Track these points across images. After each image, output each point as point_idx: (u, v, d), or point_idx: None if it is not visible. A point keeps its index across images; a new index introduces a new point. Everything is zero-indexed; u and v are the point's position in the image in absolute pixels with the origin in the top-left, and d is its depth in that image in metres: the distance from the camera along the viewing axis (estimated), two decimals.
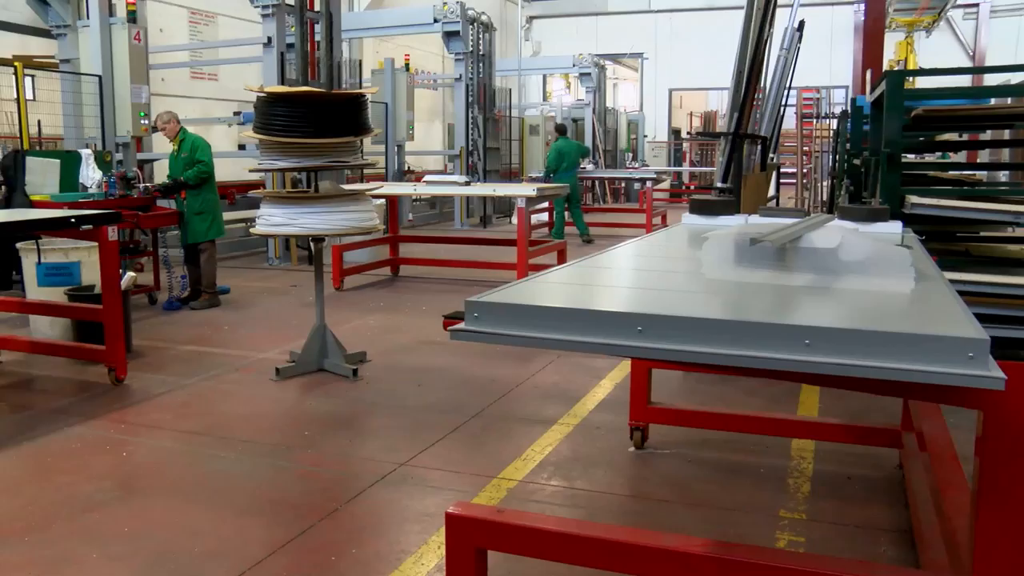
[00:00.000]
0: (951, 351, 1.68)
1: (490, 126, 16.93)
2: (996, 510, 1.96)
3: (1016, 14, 24.35)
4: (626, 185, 24.14)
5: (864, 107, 8.38)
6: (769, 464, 4.21)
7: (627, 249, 3.20)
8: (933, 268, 2.75)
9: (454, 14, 15.41)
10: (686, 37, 26.03)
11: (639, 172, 18.25)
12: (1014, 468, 1.94)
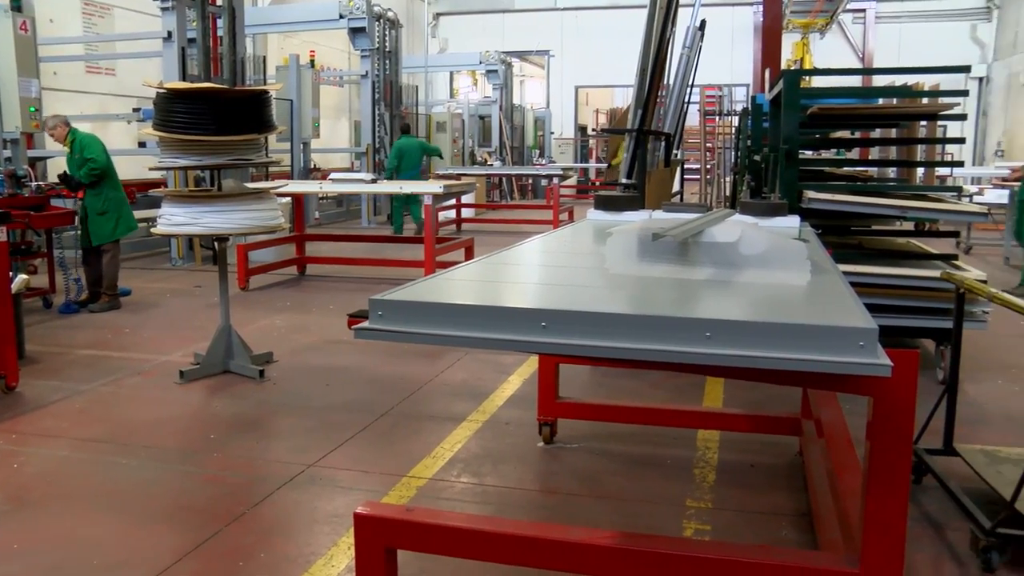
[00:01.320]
0: (843, 341, 1.74)
1: (397, 123, 16.82)
2: (883, 490, 2.04)
3: (898, 20, 25.50)
4: (533, 182, 24.26)
5: (763, 105, 8.61)
6: (676, 455, 4.29)
7: (532, 245, 3.23)
8: (828, 261, 2.85)
9: (360, 10, 15.23)
10: (592, 35, 26.30)
11: (546, 169, 18.38)
12: (899, 450, 2.02)
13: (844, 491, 2.77)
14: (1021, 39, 23.25)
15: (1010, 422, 4.76)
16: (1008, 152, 22.57)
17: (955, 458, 3.89)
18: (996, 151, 23.26)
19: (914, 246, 6.57)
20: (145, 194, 10.64)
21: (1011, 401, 5.16)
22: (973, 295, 3.73)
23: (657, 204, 4.16)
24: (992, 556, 3.14)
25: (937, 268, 5.30)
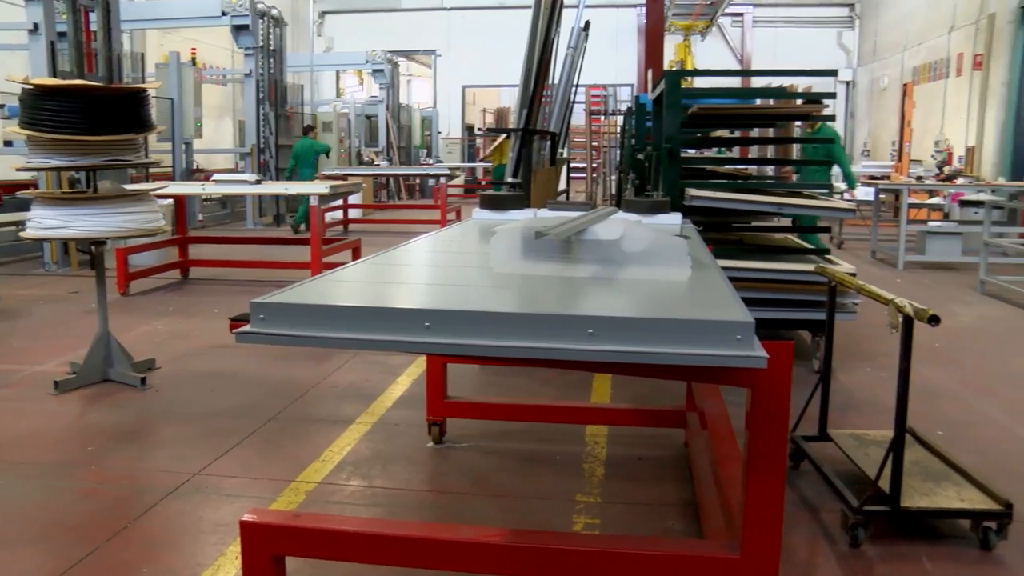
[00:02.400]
0: (720, 334, 1.79)
1: (282, 123, 16.50)
2: (761, 477, 2.11)
3: (773, 25, 26.49)
4: (421, 182, 24.17)
5: (647, 104, 8.80)
6: (565, 451, 4.35)
7: (418, 245, 3.22)
8: (708, 257, 2.93)
9: (243, 7, 14.88)
10: (479, 35, 26.38)
11: (433, 168, 18.34)
12: (776, 438, 2.10)
13: (726, 480, 2.86)
14: (880, 47, 24.48)
15: (877, 407, 4.99)
16: (873, 152, 23.70)
17: (829, 443, 4.07)
18: (863, 151, 24.39)
19: (791, 242, 6.82)
20: (12, 196, 10.15)
21: (879, 387, 5.41)
22: (844, 287, 3.90)
23: (543, 203, 4.21)
24: (859, 532, 3.30)
25: (812, 263, 5.51)
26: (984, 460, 4.21)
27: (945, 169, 14.01)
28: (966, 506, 3.35)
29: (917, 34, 21.27)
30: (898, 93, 20.71)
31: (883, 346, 6.26)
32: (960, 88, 18.29)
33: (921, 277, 10.36)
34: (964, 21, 18.42)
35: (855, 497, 3.38)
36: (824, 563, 3.23)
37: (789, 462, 4.10)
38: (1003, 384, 5.70)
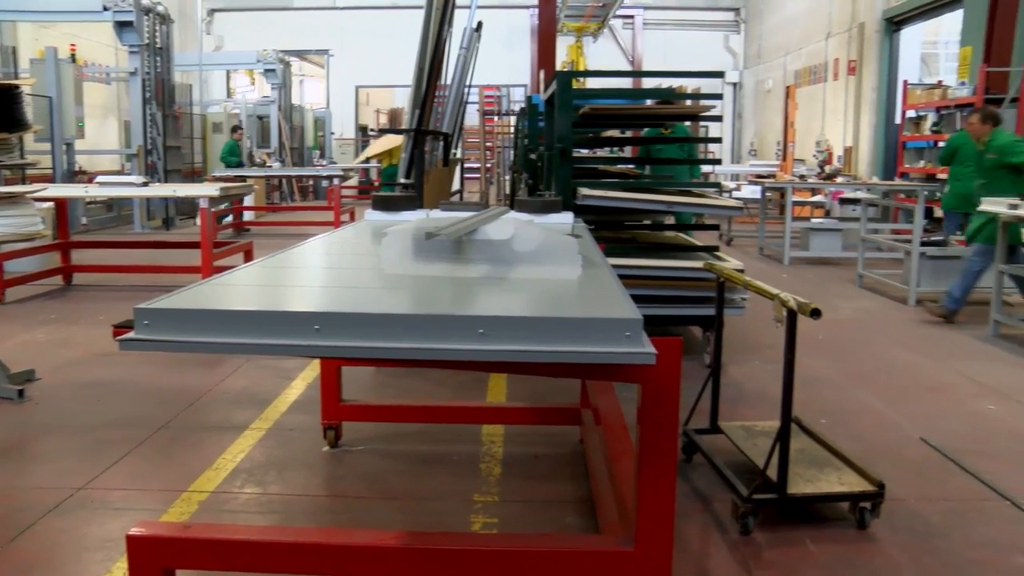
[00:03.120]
0: (610, 332, 1.82)
1: (170, 123, 16.01)
2: (653, 471, 2.16)
3: (663, 28, 27.08)
4: (314, 183, 23.81)
5: (539, 104, 8.87)
6: (462, 451, 4.35)
7: (309, 247, 3.17)
8: (598, 255, 2.97)
9: (126, 2, 14.37)
10: (372, 34, 26.10)
11: (326, 169, 18.09)
12: (667, 433, 2.15)
13: (620, 475, 2.90)
14: (764, 50, 25.31)
15: (765, 398, 5.15)
16: (760, 151, 24.47)
17: (720, 435, 4.18)
18: (750, 150, 25.16)
19: (682, 239, 6.97)
20: None
21: (766, 379, 5.58)
22: (732, 283, 4.01)
23: (435, 203, 4.20)
24: (749, 520, 3.41)
25: (701, 259, 5.65)
26: (862, 445, 4.40)
27: (826, 168, 14.56)
28: (845, 489, 3.50)
29: (798, 39, 22.04)
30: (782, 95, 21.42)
31: (770, 339, 6.46)
32: (838, 91, 19.05)
33: (805, 272, 10.75)
34: (839, 29, 19.19)
35: (745, 487, 3.48)
36: (716, 552, 3.32)
37: (682, 455, 4.20)
38: (880, 373, 5.96)
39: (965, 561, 3.26)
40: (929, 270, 8.55)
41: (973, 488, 3.96)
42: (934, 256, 8.58)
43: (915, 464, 4.24)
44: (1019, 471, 4.16)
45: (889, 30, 17.25)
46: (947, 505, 3.76)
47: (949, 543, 3.39)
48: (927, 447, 4.47)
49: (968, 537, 3.46)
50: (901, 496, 3.78)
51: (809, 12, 21.26)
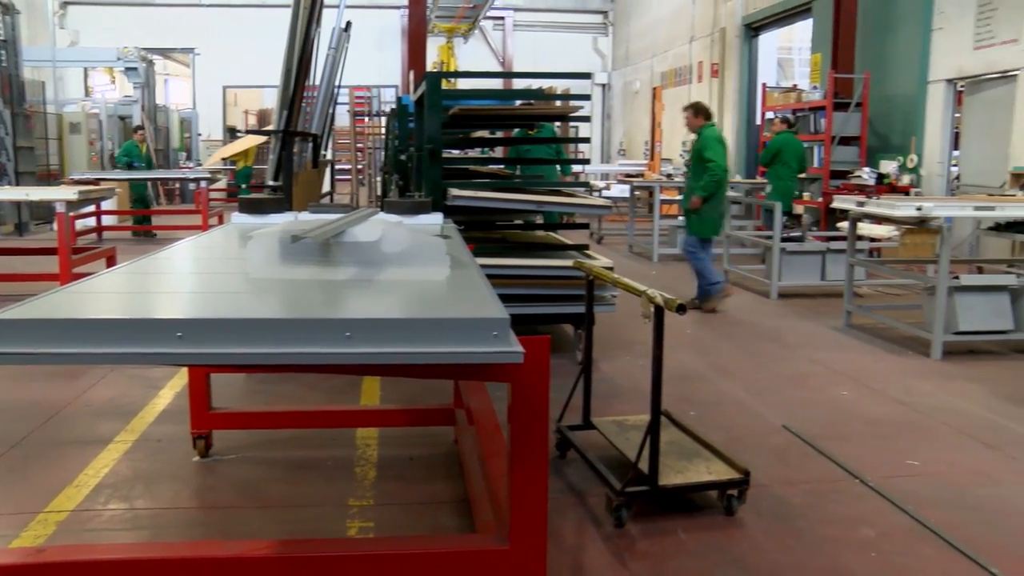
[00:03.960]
0: (478, 331, 1.83)
1: (20, 123, 15.18)
2: (525, 469, 2.18)
3: (533, 29, 27.40)
4: (181, 186, 23.02)
5: (409, 105, 8.83)
6: (336, 456, 4.29)
7: (173, 252, 3.06)
8: (467, 256, 2.98)
9: None
10: (239, 33, 25.42)
11: (193, 172, 17.52)
12: (537, 430, 2.17)
13: (494, 474, 2.92)
14: (631, 52, 25.94)
15: (637, 393, 5.27)
16: (629, 151, 25.06)
17: (593, 431, 4.26)
18: (619, 150, 25.72)
19: (552, 238, 7.06)
20: None
21: (637, 374, 5.72)
22: (601, 281, 4.09)
23: (305, 205, 4.13)
24: (622, 513, 3.49)
25: (572, 258, 5.73)
26: (729, 435, 4.57)
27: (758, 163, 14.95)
28: (713, 478, 3.63)
29: (664, 42, 22.66)
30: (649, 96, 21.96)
31: (641, 335, 6.62)
32: (702, 93, 19.66)
33: (674, 269, 11.05)
34: (702, 33, 19.83)
35: (618, 480, 3.55)
36: (591, 545, 3.38)
37: (556, 451, 4.26)
38: (744, 365, 6.19)
39: (820, 538, 3.43)
40: (789, 265, 8.93)
41: (829, 470, 4.16)
42: (793, 251, 8.97)
43: (778, 450, 4.43)
44: (869, 452, 4.41)
45: (748, 35, 17.93)
46: (806, 487, 3.94)
47: (808, 523, 3.56)
48: (789, 434, 4.67)
49: (824, 515, 3.64)
50: (765, 482, 3.94)
51: (674, 16, 21.89)
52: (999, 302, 6.55)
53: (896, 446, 4.52)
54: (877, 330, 7.28)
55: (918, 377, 5.88)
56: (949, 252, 6.37)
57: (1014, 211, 7.32)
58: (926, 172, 12.16)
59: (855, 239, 7.67)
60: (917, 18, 12.43)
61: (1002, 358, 6.49)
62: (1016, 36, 10.77)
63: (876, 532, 3.49)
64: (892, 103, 12.98)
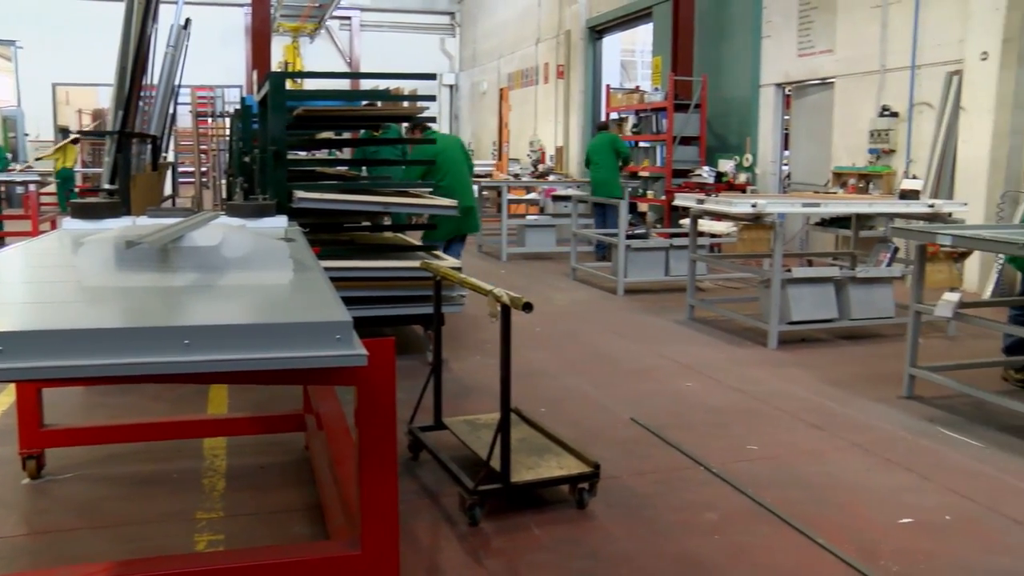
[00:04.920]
0: (320, 335, 1.82)
1: None
2: (374, 472, 2.17)
3: (380, 29, 27.23)
4: (7, 189, 21.61)
5: (253, 106, 8.61)
6: (182, 468, 4.14)
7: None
8: (311, 259, 2.94)
9: None
10: (69, 27, 24.09)
11: (21, 175, 16.49)
12: (385, 433, 2.17)
13: (344, 478, 2.90)
14: (479, 54, 26.17)
15: (488, 391, 5.33)
16: (477, 152, 25.22)
17: (445, 431, 4.27)
18: None
19: (400, 239, 7.03)
20: None
21: (488, 373, 5.77)
22: (448, 281, 4.11)
23: (143, 209, 3.97)
24: (476, 511, 3.52)
25: (419, 259, 5.73)
26: (579, 429, 4.68)
27: (539, 167, 15.25)
28: (564, 473, 3.70)
29: (510, 44, 22.93)
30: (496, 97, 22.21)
31: (490, 334, 6.69)
32: (548, 94, 20.03)
33: (522, 267, 11.22)
34: (548, 35, 20.19)
35: (471, 479, 3.58)
36: (446, 545, 3.39)
37: (409, 453, 4.25)
38: (593, 360, 6.35)
39: (668, 524, 3.57)
40: (635, 261, 9.21)
41: (675, 459, 4.32)
42: (639, 248, 9.25)
43: (626, 443, 4.57)
44: (712, 439, 4.61)
45: (592, 38, 18.38)
46: (654, 477, 4.08)
47: (656, 511, 3.70)
48: (636, 426, 4.82)
49: (671, 503, 3.79)
50: (615, 474, 4.05)
51: (520, 18, 22.18)
52: (825, 293, 6.96)
53: (736, 432, 4.74)
54: (718, 322, 7.61)
55: (756, 366, 6.18)
56: (782, 247, 6.72)
57: (837, 207, 7.81)
58: (760, 171, 12.79)
59: (696, 235, 7.99)
60: (748, 26, 13.07)
61: (829, 345, 6.91)
62: (831, 47, 11.49)
63: (719, 515, 3.66)
64: (729, 105, 13.59)
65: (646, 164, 13.98)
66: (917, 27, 10.06)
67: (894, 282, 7.31)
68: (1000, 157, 8.92)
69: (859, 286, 7.06)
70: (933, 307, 5.11)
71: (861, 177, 10.68)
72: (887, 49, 10.54)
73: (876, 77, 10.71)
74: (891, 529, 3.56)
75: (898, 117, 10.38)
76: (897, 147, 10.40)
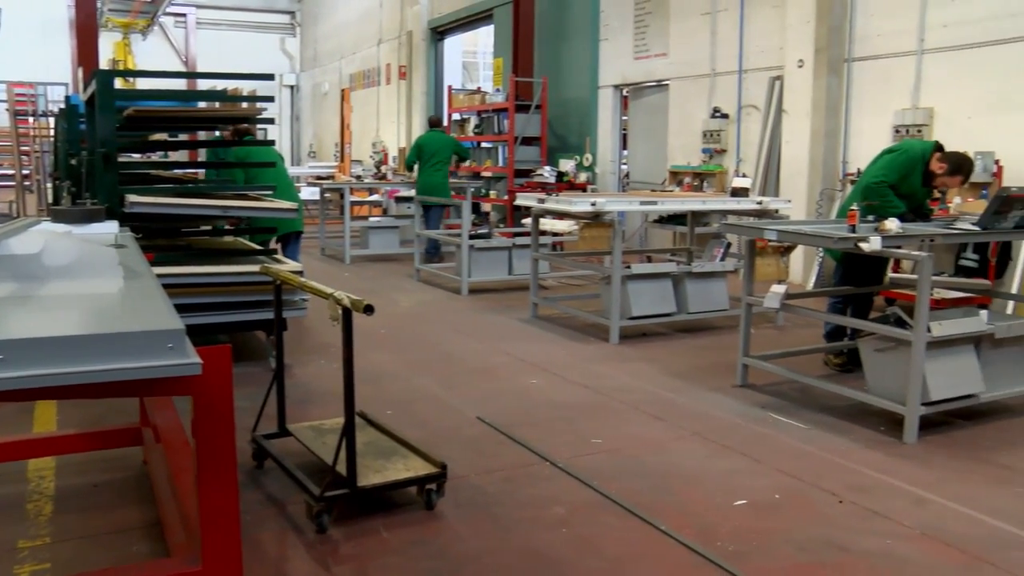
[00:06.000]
0: (150, 344, 1.75)
1: None
2: (214, 484, 2.11)
3: (218, 28, 26.42)
4: None
5: (79, 105, 8.17)
6: (3, 494, 3.88)
7: None
8: (143, 265, 2.82)
9: None
10: None
11: None
12: (223, 443, 2.11)
13: (183, 492, 2.80)
14: (319, 54, 25.78)
15: (332, 396, 5.25)
16: (319, 153, 24.86)
17: (290, 438, 4.19)
18: (309, 152, 25.42)
19: (241, 244, 6.84)
20: None
21: (333, 377, 5.68)
22: (289, 286, 4.03)
23: None
24: (323, 518, 3.47)
25: (260, 263, 5.58)
26: (426, 431, 4.69)
27: (382, 168, 15.14)
28: (411, 474, 3.69)
29: (352, 44, 22.68)
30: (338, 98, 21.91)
31: (334, 338, 6.58)
32: (391, 94, 19.93)
33: (366, 269, 11.11)
34: (389, 35, 20.09)
35: (317, 485, 3.52)
36: (294, 554, 3.33)
37: (253, 462, 4.15)
38: (439, 360, 6.36)
39: (516, 521, 3.62)
40: (478, 261, 9.28)
41: (522, 456, 4.39)
42: (482, 248, 9.32)
43: (473, 441, 4.60)
44: (557, 435, 4.70)
45: (434, 39, 18.41)
46: (501, 474, 4.13)
47: (504, 508, 3.74)
48: (483, 424, 4.86)
49: (518, 499, 3.84)
50: (463, 473, 4.08)
51: (361, 18, 21.97)
52: (664, 288, 7.22)
53: (581, 427, 4.85)
54: (561, 320, 7.77)
55: (599, 361, 6.34)
56: (621, 244, 6.93)
57: (673, 205, 8.12)
58: (600, 170, 13.15)
59: (538, 234, 8.13)
60: (587, 28, 13.41)
61: (668, 338, 7.17)
62: (666, 51, 11.95)
63: (566, 509, 3.74)
64: (568, 106, 13.90)
65: (488, 164, 14.12)
66: (743, 34, 10.59)
67: (727, 276, 7.65)
68: (817, 157, 9.51)
69: (695, 281, 7.36)
70: (763, 299, 5.38)
71: (696, 175, 11.15)
72: (717, 54, 11.05)
73: (707, 80, 11.21)
74: (728, 511, 3.73)
75: (728, 119, 10.90)
76: (728, 147, 10.92)
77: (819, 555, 3.35)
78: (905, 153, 5.72)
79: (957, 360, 4.80)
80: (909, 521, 3.65)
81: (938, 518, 3.70)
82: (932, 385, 4.66)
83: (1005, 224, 5.22)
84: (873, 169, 5.75)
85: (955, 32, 8.34)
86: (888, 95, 8.97)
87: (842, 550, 3.39)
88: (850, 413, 5.09)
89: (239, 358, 6.14)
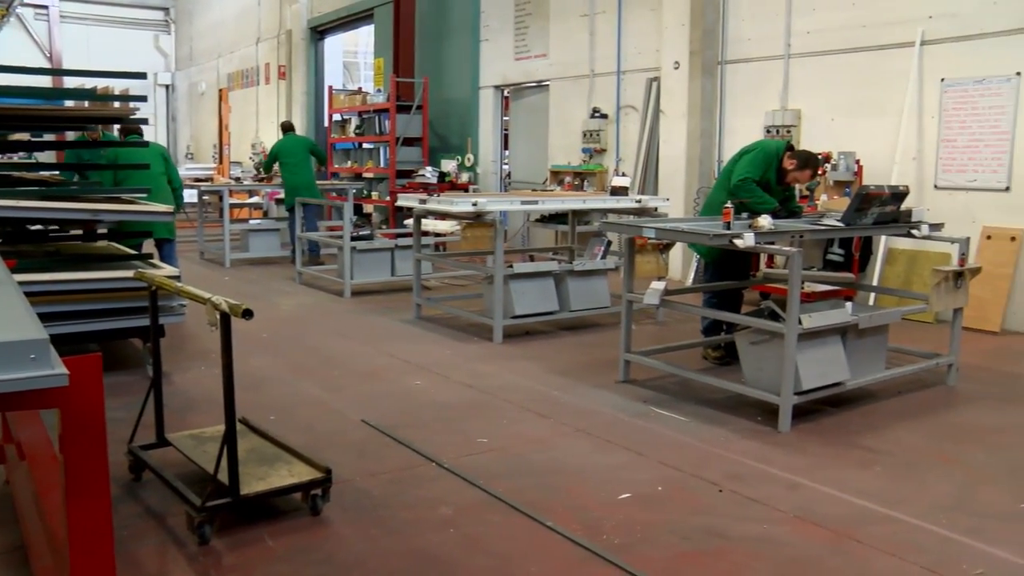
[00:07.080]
0: (11, 356, 1.68)
1: None
2: (84, 501, 2.03)
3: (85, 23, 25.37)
4: None
5: None
6: None
7: None
8: (3, 272, 2.70)
9: None
10: None
11: None
12: (94, 457, 2.03)
13: (51, 511, 2.68)
14: (196, 53, 25.06)
15: (213, 403, 5.10)
16: (197, 155, 24.18)
17: (170, 448, 4.06)
18: (187, 154, 24.69)
19: (114, 248, 6.59)
20: None
21: (212, 384, 5.53)
22: (165, 291, 3.91)
23: None
24: (205, 529, 3.38)
25: (134, 268, 5.39)
26: (310, 435, 4.62)
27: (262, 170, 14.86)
28: (296, 480, 3.63)
29: (229, 43, 22.12)
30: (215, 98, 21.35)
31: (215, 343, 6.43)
32: (270, 94, 19.53)
33: (247, 273, 10.87)
34: (268, 34, 19.68)
35: (198, 496, 3.42)
36: (175, 568, 3.23)
37: (130, 474, 4.01)
38: (322, 364, 6.27)
39: (403, 523, 3.60)
40: (360, 263, 9.19)
41: (408, 457, 4.37)
42: (364, 250, 9.24)
43: (358, 445, 4.55)
44: (443, 435, 4.71)
45: (314, 38, 18.13)
46: (387, 477, 4.10)
47: (390, 510, 3.72)
48: (368, 427, 4.82)
49: (404, 501, 3.83)
50: (348, 477, 4.04)
51: (239, 16, 21.46)
52: (546, 286, 7.31)
53: (467, 427, 4.87)
54: (445, 320, 7.77)
55: (483, 361, 6.37)
56: (503, 243, 6.97)
57: (554, 205, 8.22)
58: (482, 170, 13.21)
59: (421, 235, 8.11)
60: (467, 29, 13.45)
61: (551, 336, 7.27)
62: (546, 51, 12.10)
63: (453, 509, 3.74)
64: (450, 106, 13.91)
65: (370, 165, 14.00)
66: (621, 36, 10.81)
67: (608, 273, 7.80)
68: (694, 156, 9.80)
69: (577, 279, 7.47)
70: (643, 296, 5.51)
71: (576, 175, 11.32)
72: (596, 55, 11.24)
73: (587, 81, 11.39)
74: (612, 505, 3.81)
75: (607, 119, 11.11)
76: (608, 147, 11.13)
77: (700, 543, 3.46)
78: (763, 151, 6.02)
79: (826, 350, 5.03)
80: (783, 506, 3.81)
81: (809, 501, 3.86)
82: (804, 375, 4.86)
83: (866, 220, 5.50)
84: (738, 168, 5.98)
85: (817, 39, 8.74)
86: (759, 97, 9.32)
87: (722, 537, 3.51)
88: (728, 405, 5.27)
89: (115, 367, 5.93)
